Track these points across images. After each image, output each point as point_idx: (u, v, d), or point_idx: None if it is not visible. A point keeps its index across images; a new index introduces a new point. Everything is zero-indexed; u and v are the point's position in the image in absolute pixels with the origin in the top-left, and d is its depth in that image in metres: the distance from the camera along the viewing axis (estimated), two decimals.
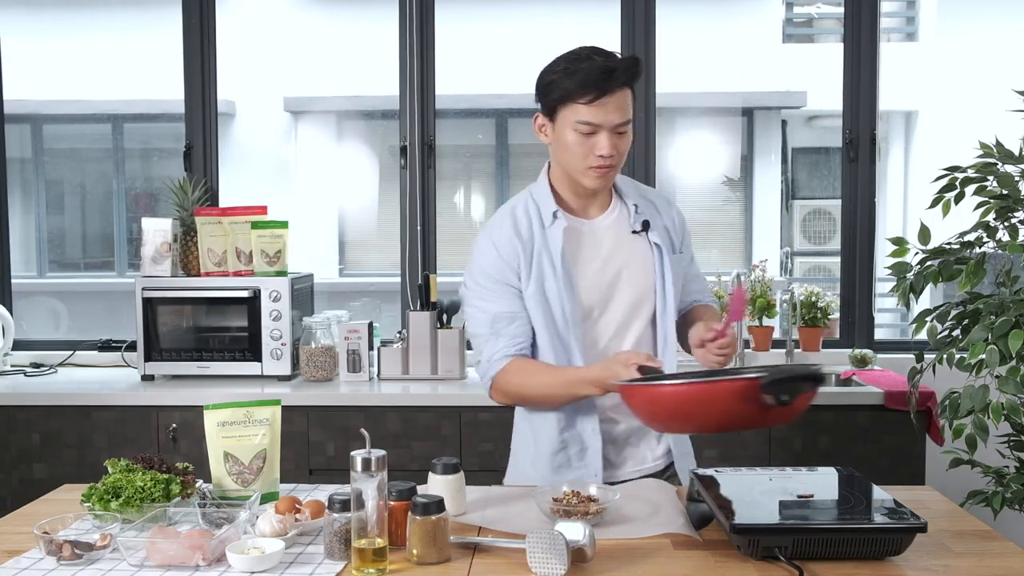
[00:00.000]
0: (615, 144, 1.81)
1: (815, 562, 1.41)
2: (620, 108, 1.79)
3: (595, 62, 1.77)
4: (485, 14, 5.94)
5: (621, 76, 1.78)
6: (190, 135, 3.69)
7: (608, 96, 1.77)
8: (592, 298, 1.91)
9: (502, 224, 1.93)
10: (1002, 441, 2.67)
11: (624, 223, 1.95)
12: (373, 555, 1.39)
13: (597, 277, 1.92)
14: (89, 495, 1.61)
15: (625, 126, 1.82)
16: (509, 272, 1.90)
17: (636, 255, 1.94)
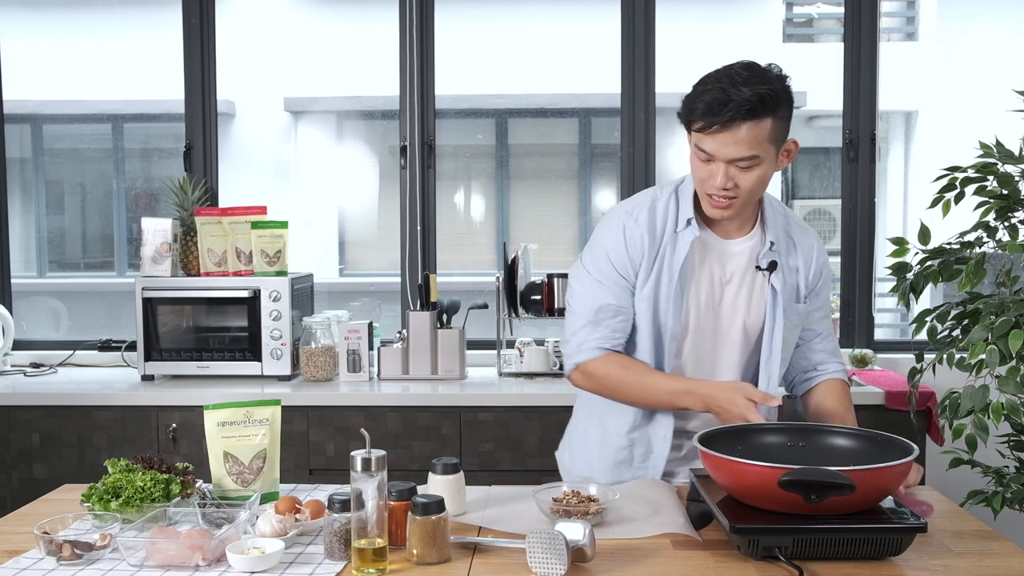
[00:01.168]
0: (733, 177, 1.71)
1: (815, 562, 1.41)
2: (741, 142, 1.67)
3: (722, 88, 1.66)
4: (485, 14, 5.94)
5: (735, 110, 1.64)
6: (190, 135, 3.69)
7: (724, 128, 1.66)
8: (696, 317, 1.86)
9: (638, 216, 1.87)
10: (1002, 441, 2.67)
11: (756, 254, 1.86)
12: (373, 555, 1.39)
13: (707, 298, 1.86)
14: (89, 495, 1.61)
15: (748, 161, 1.69)
16: (630, 267, 1.86)
17: (755, 292, 1.86)
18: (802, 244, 1.90)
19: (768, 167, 1.73)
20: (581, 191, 6.47)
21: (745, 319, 1.86)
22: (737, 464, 1.45)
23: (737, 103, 1.64)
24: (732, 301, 1.86)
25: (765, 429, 1.69)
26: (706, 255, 1.86)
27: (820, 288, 1.92)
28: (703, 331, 1.87)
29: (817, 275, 1.91)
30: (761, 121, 1.66)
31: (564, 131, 6.52)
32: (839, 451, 1.62)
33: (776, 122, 1.69)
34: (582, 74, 5.67)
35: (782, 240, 1.87)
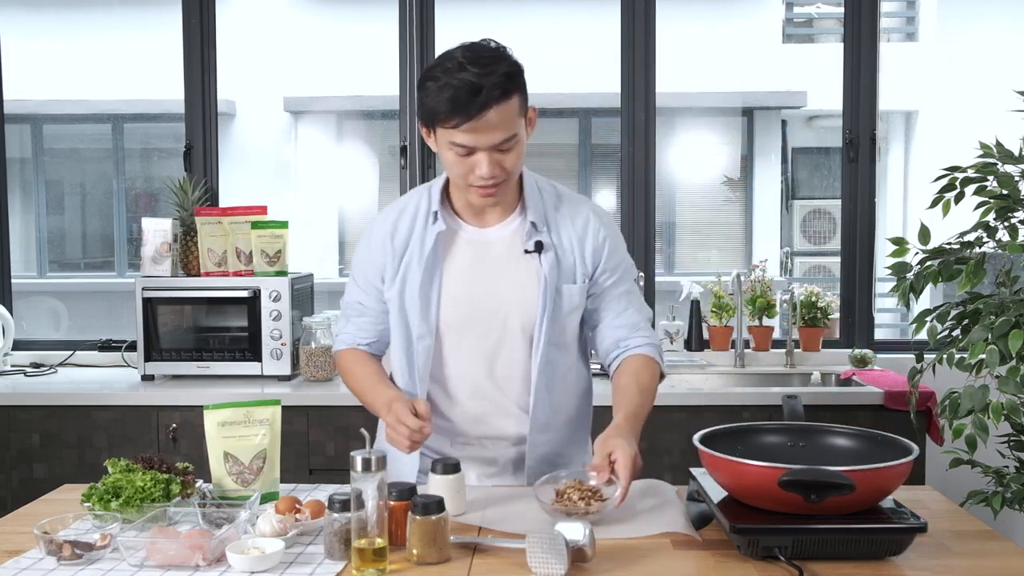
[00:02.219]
0: (498, 162, 1.64)
1: (815, 562, 1.41)
2: (498, 127, 1.60)
3: (462, 79, 1.57)
4: (485, 14, 5.94)
5: (488, 95, 1.57)
6: (190, 135, 3.69)
7: (480, 117, 1.58)
8: (455, 312, 1.77)
9: (384, 221, 1.83)
10: (1002, 441, 2.67)
11: (519, 238, 1.78)
12: (373, 555, 1.39)
13: (465, 291, 1.77)
14: (89, 495, 1.61)
15: (508, 143, 1.63)
16: (375, 272, 1.83)
17: (521, 276, 1.77)
18: (575, 219, 1.81)
19: (522, 141, 1.68)
20: (581, 191, 6.47)
21: (519, 310, 1.77)
22: (737, 464, 1.45)
23: (488, 89, 1.57)
24: (500, 293, 1.77)
25: (765, 429, 1.69)
26: (460, 247, 1.79)
27: (606, 262, 1.81)
28: (472, 328, 1.78)
29: (599, 249, 1.81)
30: (511, 99, 1.61)
31: (564, 131, 6.53)
32: (839, 451, 1.62)
33: (520, 95, 1.65)
34: (582, 74, 5.68)
35: (549, 217, 1.79)
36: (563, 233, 1.80)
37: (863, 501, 1.43)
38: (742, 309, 3.52)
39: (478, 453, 1.86)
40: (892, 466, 1.43)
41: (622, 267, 1.85)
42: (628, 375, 1.81)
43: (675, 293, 3.71)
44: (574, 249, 1.80)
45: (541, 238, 1.77)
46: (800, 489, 1.38)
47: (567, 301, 1.79)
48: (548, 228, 1.79)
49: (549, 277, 1.76)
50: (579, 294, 1.80)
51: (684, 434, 2.98)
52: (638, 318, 1.85)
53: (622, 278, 1.85)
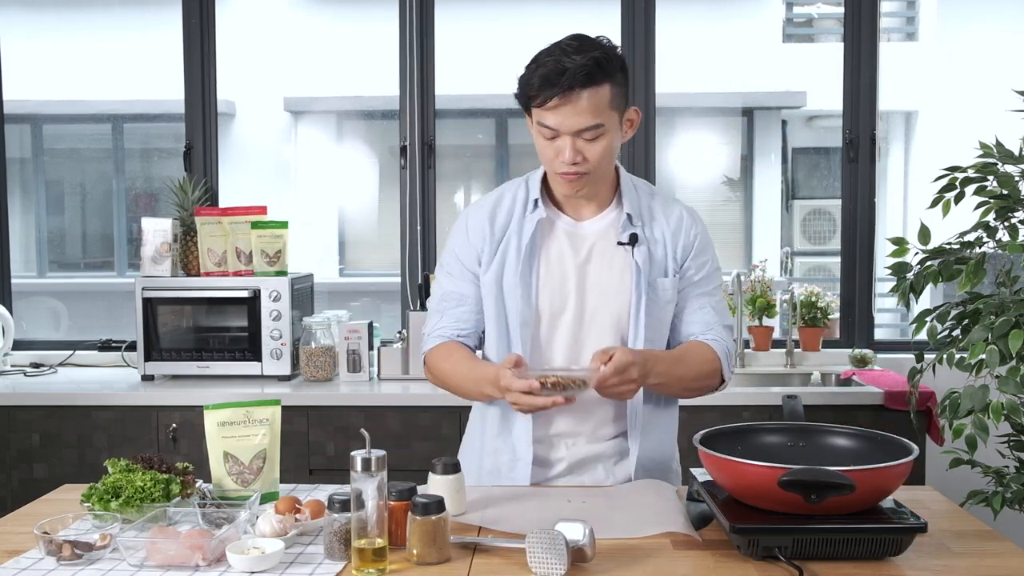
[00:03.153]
0: (581, 150, 1.68)
1: (815, 562, 1.41)
2: (583, 111, 1.65)
3: (555, 59, 1.64)
4: (485, 14, 5.94)
5: (572, 77, 1.62)
6: (190, 135, 3.69)
7: (564, 98, 1.64)
8: (550, 301, 1.79)
9: (482, 205, 1.86)
10: (1002, 441, 2.67)
11: (614, 231, 1.81)
12: (373, 555, 1.39)
13: (560, 281, 1.79)
14: (89, 495, 1.61)
15: (593, 131, 1.67)
16: (472, 256, 1.84)
17: (615, 269, 1.79)
18: (669, 215, 1.83)
19: (613, 136, 1.71)
20: None
21: (609, 301, 1.79)
22: (737, 464, 1.45)
23: (573, 70, 1.62)
24: (595, 283, 1.79)
25: (765, 429, 1.69)
26: (558, 237, 1.81)
27: (694, 259, 1.83)
28: (563, 316, 1.79)
29: (688, 246, 1.83)
30: (600, 87, 1.65)
31: None
32: (839, 451, 1.62)
33: (614, 88, 1.67)
34: None
35: (643, 212, 1.82)
36: (656, 228, 1.82)
37: (863, 501, 1.43)
38: (742, 309, 3.52)
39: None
40: (892, 466, 1.43)
41: (707, 267, 1.85)
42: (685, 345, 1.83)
43: None
44: (667, 243, 1.82)
45: (636, 231, 1.79)
46: (800, 489, 1.38)
47: (662, 294, 1.81)
48: (643, 222, 1.81)
49: (643, 269, 1.78)
50: (672, 287, 1.82)
51: (684, 434, 2.99)
52: (713, 318, 1.84)
53: (706, 279, 1.85)
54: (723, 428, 1.66)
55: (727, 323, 1.87)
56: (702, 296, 1.85)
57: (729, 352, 1.85)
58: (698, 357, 1.81)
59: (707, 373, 1.82)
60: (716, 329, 1.84)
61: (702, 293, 1.85)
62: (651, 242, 1.81)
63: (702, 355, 1.82)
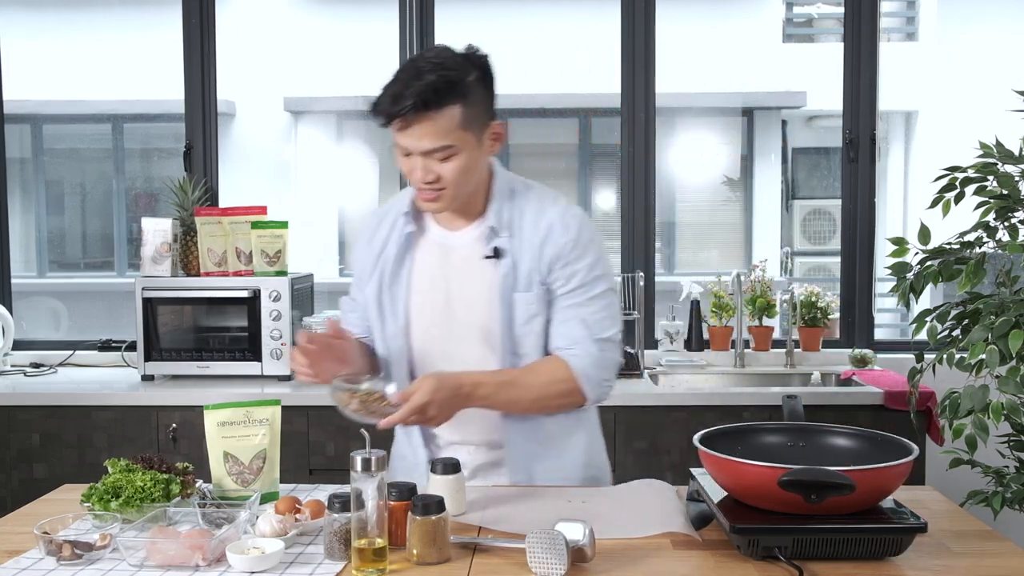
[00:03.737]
0: (433, 170, 1.64)
1: (815, 562, 1.41)
2: (427, 135, 1.61)
3: (402, 80, 1.60)
4: (485, 14, 5.94)
5: (413, 102, 1.58)
6: (190, 135, 3.69)
7: (406, 122, 1.60)
8: (419, 314, 1.79)
9: (368, 224, 1.90)
10: (1002, 441, 2.68)
11: (483, 243, 1.76)
12: (373, 555, 1.39)
13: (430, 294, 1.79)
14: (89, 495, 1.61)
15: (442, 151, 1.63)
16: (360, 271, 1.89)
17: (482, 283, 1.76)
18: (539, 223, 1.75)
19: (470, 155, 1.66)
20: (581, 191, 6.48)
21: (478, 314, 1.76)
22: (737, 464, 1.45)
23: (411, 94, 1.58)
24: (462, 297, 1.77)
25: (765, 429, 1.69)
26: (429, 250, 1.80)
27: (561, 269, 1.75)
28: (434, 329, 1.80)
29: (555, 257, 1.74)
30: (443, 110, 1.60)
31: (564, 131, 6.53)
32: (839, 451, 1.62)
33: (466, 107, 1.62)
34: (582, 74, 5.68)
35: (514, 221, 1.76)
36: (525, 238, 1.76)
37: (863, 501, 1.43)
38: (742, 309, 3.52)
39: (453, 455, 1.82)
40: (892, 466, 1.43)
41: (579, 277, 1.76)
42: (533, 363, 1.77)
43: (675, 293, 3.71)
44: (533, 256, 1.75)
45: (499, 243, 1.75)
46: (800, 489, 1.38)
47: (521, 311, 1.75)
48: (511, 233, 1.76)
49: (501, 286, 1.74)
50: (536, 302, 1.75)
51: (684, 434, 2.99)
52: (579, 333, 1.76)
53: (578, 289, 1.76)
54: (723, 428, 1.66)
55: (602, 336, 1.77)
56: (571, 308, 1.76)
57: (596, 366, 1.76)
58: (542, 377, 1.75)
59: (555, 393, 1.76)
60: (582, 344, 1.75)
61: (572, 304, 1.76)
62: (517, 254, 1.75)
63: (549, 375, 1.75)
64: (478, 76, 1.66)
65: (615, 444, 3.05)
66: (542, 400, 1.76)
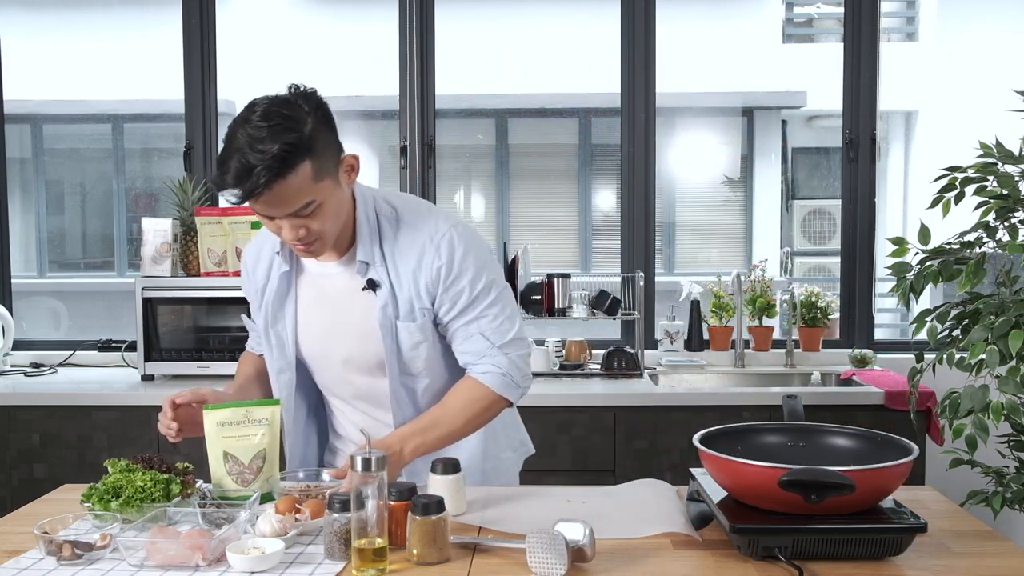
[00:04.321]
0: (300, 226, 1.60)
1: (815, 562, 1.41)
2: (284, 201, 1.55)
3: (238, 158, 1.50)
4: (485, 14, 5.94)
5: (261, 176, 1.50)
6: (190, 135, 3.69)
7: (258, 197, 1.54)
8: (310, 343, 1.82)
9: (248, 252, 1.91)
10: (1002, 441, 2.68)
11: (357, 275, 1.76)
12: (373, 555, 1.39)
13: (314, 327, 1.81)
14: (89, 495, 1.61)
15: (304, 210, 1.58)
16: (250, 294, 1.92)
17: (364, 312, 1.75)
18: (410, 250, 1.73)
19: (331, 200, 1.62)
20: (581, 191, 6.47)
21: (369, 344, 1.76)
22: (737, 464, 1.45)
23: (260, 171, 1.50)
24: (347, 329, 1.77)
25: (765, 429, 1.69)
26: (310, 285, 1.80)
27: (444, 293, 1.74)
28: (328, 359, 1.82)
29: (433, 282, 1.73)
30: (294, 172, 1.53)
31: (564, 131, 6.53)
32: (839, 451, 1.62)
33: (314, 161, 1.56)
34: (582, 74, 5.67)
35: (387, 250, 1.74)
36: (401, 266, 1.74)
37: (863, 501, 1.43)
38: (742, 309, 3.52)
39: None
40: (892, 466, 1.43)
41: (464, 296, 1.75)
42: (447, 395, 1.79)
43: (675, 293, 3.72)
44: (411, 284, 1.74)
45: (373, 275, 1.73)
46: (800, 489, 1.38)
47: (405, 339, 1.76)
48: (385, 261, 1.74)
49: (381, 317, 1.74)
50: (419, 331, 1.76)
51: (684, 434, 2.99)
52: (483, 346, 1.76)
53: (467, 308, 1.76)
54: (723, 428, 1.66)
55: (505, 340, 1.77)
56: (467, 324, 1.76)
57: (507, 372, 1.77)
58: (461, 404, 1.76)
59: (480, 410, 1.77)
60: (488, 356, 1.76)
61: (467, 322, 1.76)
62: (395, 283, 1.74)
63: (466, 399, 1.77)
64: (316, 120, 1.57)
65: (615, 444, 3.05)
66: (472, 422, 1.78)
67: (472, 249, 1.75)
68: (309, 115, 1.57)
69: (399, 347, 1.76)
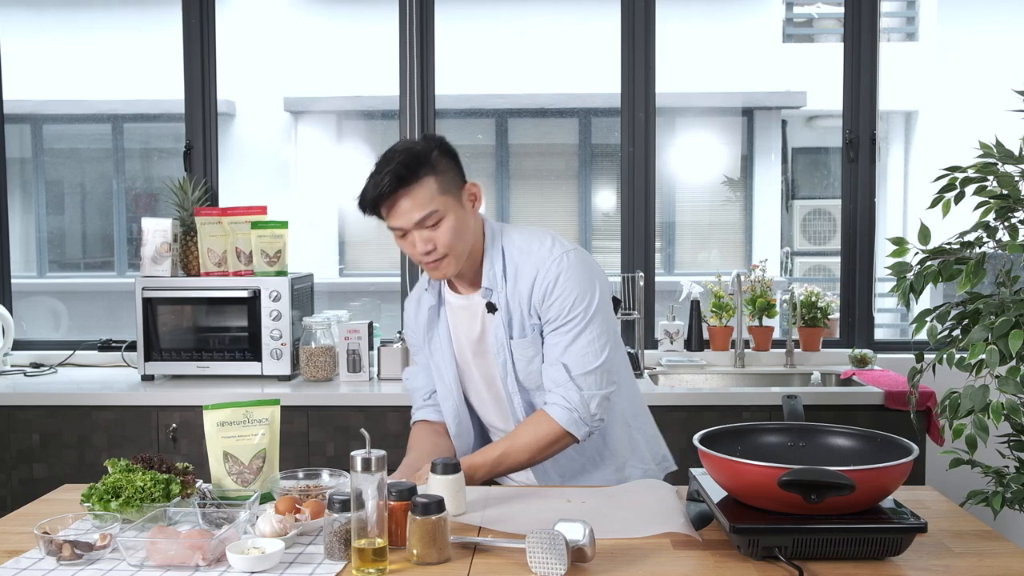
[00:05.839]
0: (429, 239, 1.82)
1: (815, 562, 1.41)
2: (411, 209, 1.79)
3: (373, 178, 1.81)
4: (485, 14, 5.94)
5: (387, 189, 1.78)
6: (190, 135, 3.69)
7: (389, 207, 1.80)
8: (456, 374, 2.01)
9: (413, 296, 2.10)
10: (1002, 441, 2.67)
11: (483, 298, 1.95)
12: (373, 555, 1.39)
13: (460, 356, 2.00)
14: (89, 495, 1.61)
15: (430, 219, 1.80)
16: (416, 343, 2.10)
17: (489, 334, 1.94)
18: (525, 272, 1.90)
19: (455, 215, 1.83)
20: (581, 191, 6.47)
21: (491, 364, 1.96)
22: (737, 464, 1.45)
23: (384, 184, 1.78)
24: (473, 350, 1.98)
25: (765, 429, 1.69)
26: (448, 315, 2.00)
27: (545, 312, 1.88)
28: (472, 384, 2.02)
29: (542, 295, 1.88)
30: (416, 184, 1.78)
31: (564, 131, 6.52)
32: (839, 451, 1.62)
33: (437, 176, 1.80)
34: (582, 74, 5.67)
35: (508, 274, 1.91)
36: (516, 287, 1.91)
37: (863, 501, 1.43)
38: (742, 309, 3.52)
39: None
40: (892, 466, 1.43)
41: (563, 315, 1.87)
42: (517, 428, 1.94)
43: (675, 293, 3.71)
44: (523, 302, 1.90)
45: (494, 299, 1.91)
46: (800, 489, 1.38)
47: (520, 355, 1.92)
48: (506, 285, 1.91)
49: (497, 337, 1.92)
50: (531, 346, 1.91)
51: (684, 434, 2.99)
52: (561, 376, 1.87)
53: (561, 328, 1.88)
54: (723, 428, 1.66)
55: (585, 370, 1.87)
56: (554, 347, 1.88)
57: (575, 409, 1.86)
58: (527, 441, 1.88)
59: (546, 445, 1.88)
60: (563, 387, 1.87)
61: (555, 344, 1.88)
62: (512, 304, 1.91)
63: (534, 435, 1.88)
64: (440, 150, 1.84)
65: None
66: (536, 457, 1.91)
67: (581, 272, 1.88)
68: (434, 146, 1.84)
69: (515, 364, 1.92)
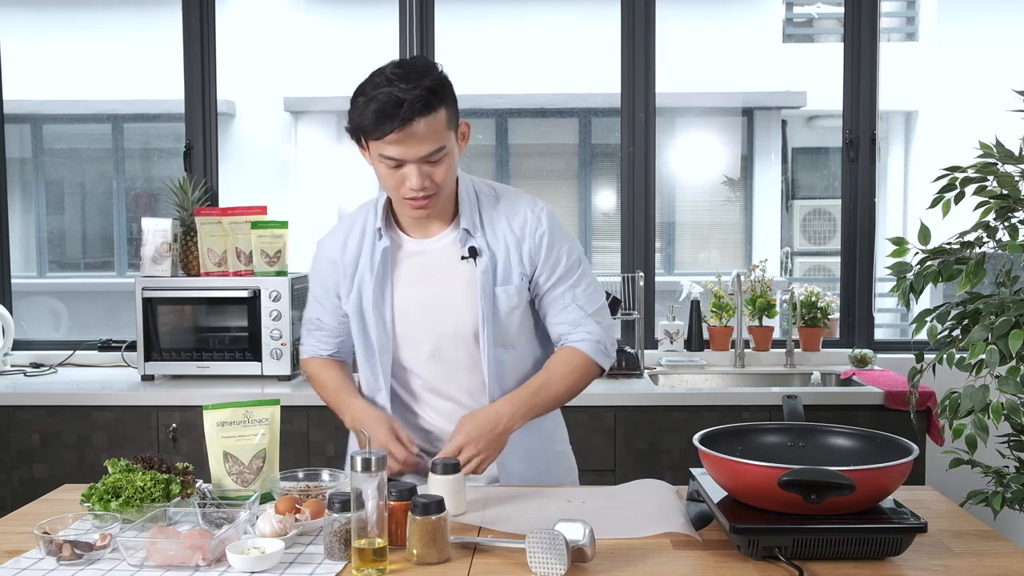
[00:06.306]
0: (427, 175, 1.70)
1: (815, 562, 1.41)
2: (425, 139, 1.66)
3: (387, 92, 1.63)
4: (485, 14, 5.94)
5: (411, 108, 1.62)
6: (190, 135, 3.69)
7: (404, 130, 1.64)
8: (407, 321, 1.85)
9: (333, 240, 1.93)
10: (1002, 441, 2.67)
11: (457, 246, 1.83)
12: (373, 555, 1.39)
13: (414, 302, 1.85)
14: (89, 495, 1.61)
15: (436, 155, 1.69)
16: (329, 288, 1.93)
17: (462, 282, 1.83)
18: (512, 219, 1.84)
19: (454, 155, 1.74)
20: (581, 191, 6.47)
21: (464, 316, 1.83)
22: (737, 464, 1.45)
23: (411, 101, 1.63)
24: (445, 301, 1.83)
25: (765, 429, 1.69)
26: (407, 261, 1.85)
27: (544, 261, 1.84)
28: (421, 336, 1.85)
29: (535, 248, 1.84)
30: (436, 112, 1.66)
31: (564, 131, 6.53)
32: (839, 451, 1.62)
33: (448, 109, 1.69)
34: (582, 74, 5.68)
35: (485, 220, 1.84)
36: (499, 234, 1.84)
37: (863, 501, 1.43)
38: (742, 309, 3.52)
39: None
40: (892, 466, 1.43)
41: (563, 264, 1.86)
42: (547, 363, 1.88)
43: (675, 293, 3.72)
44: (510, 250, 1.83)
45: (474, 243, 1.82)
46: (800, 489, 1.38)
47: (503, 303, 1.83)
48: (484, 231, 1.84)
49: (483, 282, 1.81)
50: (516, 294, 1.84)
51: (684, 434, 2.99)
52: (578, 315, 1.87)
53: (564, 276, 1.86)
54: (723, 428, 1.66)
55: (595, 308, 1.89)
56: (563, 294, 1.86)
57: (601, 340, 1.88)
58: (562, 372, 1.86)
59: (579, 377, 1.87)
60: (584, 324, 1.87)
61: (564, 291, 1.86)
62: (494, 250, 1.83)
63: (567, 366, 1.86)
64: (447, 79, 1.73)
65: (615, 444, 3.05)
66: (572, 388, 1.87)
67: (562, 225, 1.89)
68: (441, 71, 1.72)
69: (497, 312, 1.83)
